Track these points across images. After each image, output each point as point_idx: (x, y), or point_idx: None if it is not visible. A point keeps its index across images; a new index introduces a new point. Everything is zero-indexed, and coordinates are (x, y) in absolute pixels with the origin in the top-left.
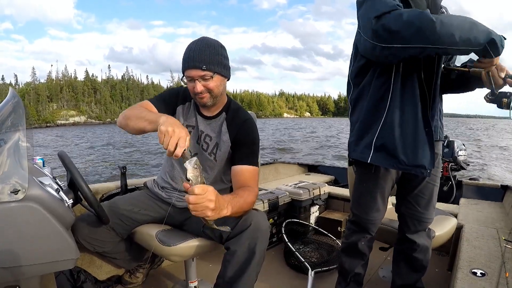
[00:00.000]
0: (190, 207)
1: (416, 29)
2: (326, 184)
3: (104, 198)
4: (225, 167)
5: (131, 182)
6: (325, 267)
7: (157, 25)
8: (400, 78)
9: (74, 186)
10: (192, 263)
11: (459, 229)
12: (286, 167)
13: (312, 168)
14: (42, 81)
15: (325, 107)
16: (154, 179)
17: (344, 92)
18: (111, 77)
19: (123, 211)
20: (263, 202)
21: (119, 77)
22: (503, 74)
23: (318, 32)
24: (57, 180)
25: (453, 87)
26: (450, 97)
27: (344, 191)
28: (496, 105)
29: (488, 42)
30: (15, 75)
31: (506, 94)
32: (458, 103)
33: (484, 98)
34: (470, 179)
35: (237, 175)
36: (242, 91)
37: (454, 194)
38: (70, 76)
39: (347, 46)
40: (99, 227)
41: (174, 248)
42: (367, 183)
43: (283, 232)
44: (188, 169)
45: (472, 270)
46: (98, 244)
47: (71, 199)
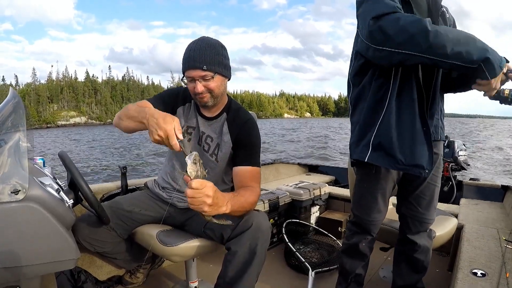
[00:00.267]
0: (188, 200)
1: (409, 35)
2: (327, 184)
3: (104, 198)
4: (226, 168)
5: (132, 182)
6: (325, 268)
7: (157, 25)
8: (398, 78)
9: (74, 186)
10: (192, 264)
11: (460, 229)
12: (287, 167)
13: (312, 168)
14: (43, 81)
15: (325, 108)
16: (154, 180)
17: (344, 92)
18: (112, 77)
19: (124, 212)
20: (264, 202)
21: (120, 77)
22: (505, 70)
23: (318, 32)
24: (57, 180)
25: (454, 86)
26: (450, 97)
27: (344, 191)
28: (499, 101)
29: (482, 61)
30: (16, 76)
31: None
32: (458, 102)
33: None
34: (471, 179)
35: (238, 176)
36: (242, 92)
37: (455, 194)
38: (71, 76)
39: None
40: (100, 228)
41: (174, 248)
42: (368, 184)
43: (284, 232)
44: (187, 163)
45: (472, 271)
46: (99, 244)
47: (72, 199)
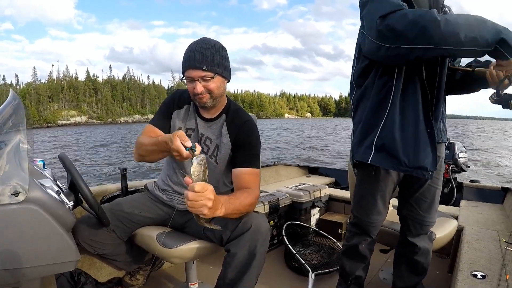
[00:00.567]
0: (187, 203)
1: (420, 28)
2: (327, 186)
3: (104, 200)
4: (226, 169)
5: (132, 184)
6: (325, 269)
7: (157, 25)
8: (402, 78)
9: (74, 188)
10: (192, 265)
11: (460, 231)
12: (287, 169)
13: (312, 170)
14: (43, 81)
15: (326, 108)
16: (154, 181)
17: (344, 92)
18: (112, 77)
19: (124, 213)
20: (264, 204)
21: (120, 77)
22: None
23: (318, 32)
24: (57, 182)
25: (457, 88)
26: (450, 98)
27: (344, 193)
28: (501, 106)
29: (498, 42)
30: (16, 75)
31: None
32: (458, 105)
33: (489, 99)
34: (471, 181)
35: (238, 178)
36: (243, 92)
37: (455, 196)
38: (71, 76)
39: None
40: (100, 229)
41: (174, 250)
42: (368, 185)
43: (284, 234)
44: (193, 164)
45: (472, 273)
46: (99, 246)
47: (72, 201)
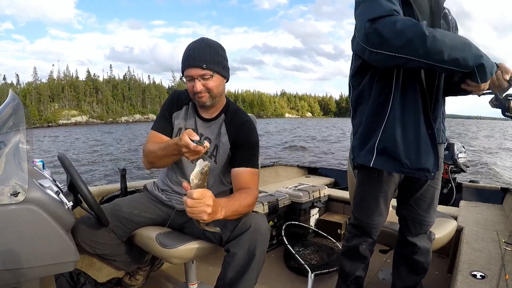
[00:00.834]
0: (187, 210)
1: (406, 39)
2: (326, 186)
3: (104, 200)
4: (225, 169)
5: (131, 184)
6: (325, 270)
7: (157, 25)
8: (400, 81)
9: (74, 189)
10: (192, 266)
11: (459, 231)
12: (286, 170)
13: (312, 170)
14: (44, 81)
15: (326, 107)
16: (154, 182)
17: (345, 92)
18: (113, 76)
19: (123, 214)
20: (263, 205)
21: (121, 77)
22: (508, 77)
23: (319, 32)
24: (57, 182)
25: (456, 90)
26: (450, 97)
27: (344, 194)
28: (501, 110)
29: (477, 66)
30: (17, 75)
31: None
32: (459, 106)
33: (489, 103)
34: (470, 182)
35: (236, 177)
36: (243, 91)
37: (454, 196)
38: (72, 76)
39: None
40: (99, 230)
41: (174, 250)
42: (370, 187)
43: (283, 234)
44: (195, 170)
45: (472, 273)
46: (98, 246)
47: (71, 202)
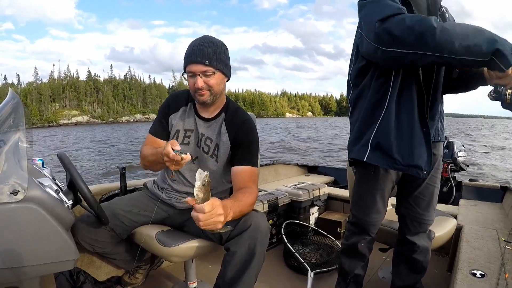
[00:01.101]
0: (200, 224)
1: (417, 34)
2: (326, 185)
3: (103, 199)
4: (225, 168)
5: (131, 183)
6: (324, 268)
7: (157, 25)
8: (399, 79)
9: (73, 187)
10: (191, 264)
11: (459, 230)
12: (286, 168)
13: (311, 169)
14: (45, 81)
15: (327, 107)
16: (154, 180)
17: (345, 91)
18: (114, 76)
19: (123, 212)
20: (263, 203)
21: (121, 76)
22: None
23: (319, 31)
24: (56, 181)
25: (454, 87)
26: (451, 96)
27: (343, 192)
28: (500, 102)
29: (493, 53)
30: (17, 75)
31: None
32: (459, 104)
33: (487, 95)
34: (470, 180)
35: (236, 176)
36: (244, 91)
37: (454, 195)
38: (72, 76)
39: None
40: (99, 228)
41: (173, 249)
42: (367, 184)
43: (283, 233)
44: (196, 185)
45: (471, 271)
46: (98, 244)
47: (71, 200)
